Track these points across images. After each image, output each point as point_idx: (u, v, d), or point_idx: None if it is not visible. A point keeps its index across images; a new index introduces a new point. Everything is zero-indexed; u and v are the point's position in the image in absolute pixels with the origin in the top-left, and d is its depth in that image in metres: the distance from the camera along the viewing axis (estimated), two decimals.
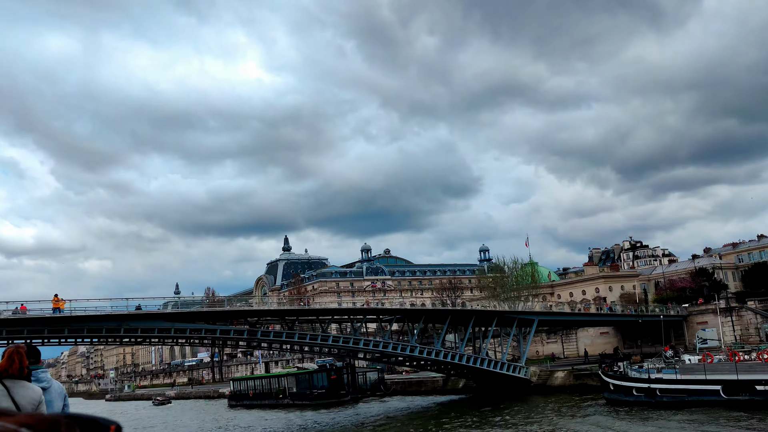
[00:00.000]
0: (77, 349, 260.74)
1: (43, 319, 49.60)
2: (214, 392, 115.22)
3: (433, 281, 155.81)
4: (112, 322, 52.17)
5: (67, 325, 50.84)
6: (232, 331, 56.09)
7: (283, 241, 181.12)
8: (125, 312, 52.65)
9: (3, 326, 48.56)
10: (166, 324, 54.03)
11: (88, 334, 52.83)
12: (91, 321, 51.46)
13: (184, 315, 55.64)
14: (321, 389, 78.18)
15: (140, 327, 53.22)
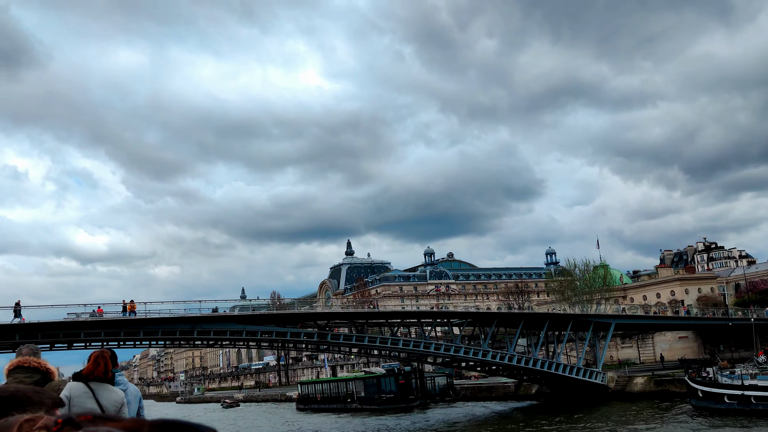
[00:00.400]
0: (148, 352, 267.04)
1: (120, 321, 50.02)
2: (282, 395, 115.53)
3: (499, 285, 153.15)
4: (186, 325, 52.23)
5: (142, 328, 51.14)
6: (302, 333, 55.52)
7: (346, 245, 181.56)
8: (198, 314, 52.69)
9: (81, 328, 49.15)
10: (237, 326, 53.84)
11: (163, 336, 53.09)
12: (166, 323, 51.63)
13: (256, 317, 55.33)
14: (389, 394, 76.97)
15: (213, 329, 53.14)
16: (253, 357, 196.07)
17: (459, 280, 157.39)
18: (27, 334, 47.74)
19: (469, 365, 70.35)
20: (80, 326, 49.06)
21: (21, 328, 47.31)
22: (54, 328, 48.74)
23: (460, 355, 60.22)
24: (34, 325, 47.96)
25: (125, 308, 51.55)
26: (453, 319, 64.66)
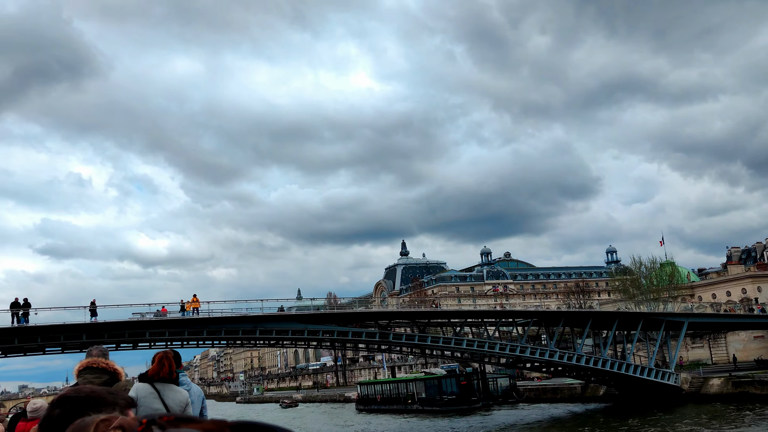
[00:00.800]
0: (208, 352, 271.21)
1: (184, 320, 49.88)
2: (340, 396, 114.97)
3: (558, 285, 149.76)
4: (248, 324, 51.78)
5: (205, 327, 50.90)
6: (364, 333, 54.49)
7: (401, 246, 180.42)
8: (260, 314, 52.21)
9: (146, 328, 49.19)
10: (299, 326, 53.14)
11: (225, 336, 52.75)
12: (228, 323, 51.29)
13: (317, 317, 54.54)
14: (451, 395, 75.31)
15: (275, 329, 52.59)
16: (310, 357, 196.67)
17: (517, 280, 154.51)
18: (93, 333, 48.01)
19: (534, 366, 68.20)
20: (145, 326, 49.12)
21: (88, 327, 47.58)
22: (120, 327, 48.92)
23: (525, 356, 58.26)
24: (100, 325, 48.20)
25: (183, 308, 51.45)
26: (518, 319, 62.64)
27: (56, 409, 2.06)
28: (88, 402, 1.96)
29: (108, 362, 4.77)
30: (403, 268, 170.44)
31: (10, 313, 45.79)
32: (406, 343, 57.82)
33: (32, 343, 47.06)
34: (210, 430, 1.30)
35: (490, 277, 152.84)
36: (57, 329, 46.57)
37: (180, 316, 50.43)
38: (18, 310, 45.68)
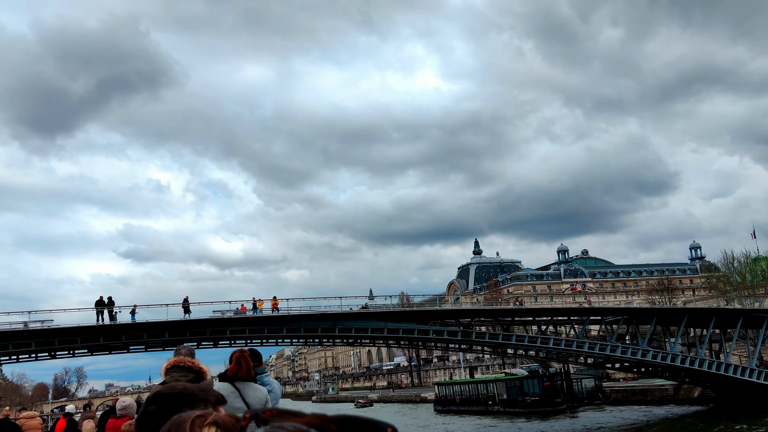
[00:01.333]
0: (284, 352, 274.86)
1: (264, 318, 49.15)
2: (416, 396, 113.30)
3: (639, 282, 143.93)
4: (327, 322, 50.62)
5: (285, 325, 50.04)
6: (445, 332, 52.51)
7: (474, 245, 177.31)
8: (340, 311, 51.03)
9: (227, 326, 48.66)
10: (378, 324, 51.64)
11: (305, 334, 51.74)
12: (308, 320, 50.29)
13: (397, 314, 52.93)
14: (534, 396, 72.40)
15: (354, 327, 51.27)
16: (384, 357, 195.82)
17: (596, 278, 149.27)
18: (175, 331, 47.83)
19: (623, 366, 64.62)
20: (226, 323, 48.59)
21: (170, 325, 47.41)
22: (201, 325, 48.59)
23: (616, 355, 55.02)
24: (182, 323, 47.98)
25: (255, 306, 50.70)
26: (607, 317, 59.35)
27: (152, 405, 2.10)
28: (181, 398, 2.03)
29: (194, 361, 4.83)
30: (477, 267, 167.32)
31: (95, 312, 46.01)
32: (488, 342, 55.54)
33: (116, 341, 47.18)
34: (313, 423, 1.33)
35: (568, 276, 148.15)
36: (140, 327, 46.52)
37: (260, 314, 49.72)
38: (102, 308, 45.84)
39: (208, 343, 54.19)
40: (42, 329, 44.53)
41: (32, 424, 16.17)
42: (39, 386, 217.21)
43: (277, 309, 49.97)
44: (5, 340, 44.42)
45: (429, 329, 51.94)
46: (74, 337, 45.66)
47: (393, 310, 53.38)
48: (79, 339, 45.82)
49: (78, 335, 45.58)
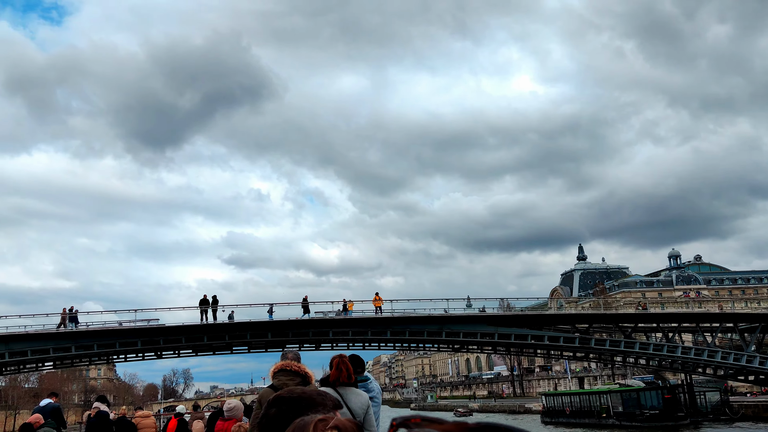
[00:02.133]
0: (380, 358, 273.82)
1: (368, 320, 46.91)
2: (520, 407, 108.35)
3: (759, 290, 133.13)
4: (434, 325, 47.82)
5: (389, 327, 47.60)
6: (562, 338, 48.55)
7: (578, 250, 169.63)
8: (447, 314, 48.09)
9: (330, 327, 46.80)
10: (488, 328, 48.35)
11: (410, 337, 49.08)
12: (414, 323, 47.64)
13: (508, 319, 49.43)
14: (653, 410, 66.54)
15: (462, 331, 48.18)
16: (483, 366, 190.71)
17: (711, 285, 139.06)
18: (278, 332, 46.45)
19: (758, 379, 58.28)
20: (329, 324, 46.71)
21: (272, 326, 46.01)
22: (304, 326, 46.91)
23: (753, 366, 49.28)
24: (284, 323, 46.52)
25: (345, 307, 48.40)
26: (741, 324, 53.53)
27: (272, 408, 2.16)
28: (301, 402, 2.06)
29: (300, 365, 4.93)
30: (581, 273, 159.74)
31: (199, 311, 45.13)
32: (608, 350, 51.10)
33: (220, 341, 46.16)
34: (452, 431, 1.33)
35: (680, 282, 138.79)
36: (243, 327, 45.29)
37: (363, 315, 47.49)
38: (206, 307, 44.90)
39: (310, 346, 52.59)
40: (147, 327, 44.05)
41: (147, 423, 16.95)
42: (149, 387, 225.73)
43: (380, 309, 47.51)
44: (112, 338, 44.24)
45: (543, 335, 48.18)
46: (178, 336, 44.95)
47: (505, 314, 49.86)
48: (184, 338, 45.09)
49: (182, 334, 44.83)
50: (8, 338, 42.88)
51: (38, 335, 43.40)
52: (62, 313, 44.65)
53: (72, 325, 44.47)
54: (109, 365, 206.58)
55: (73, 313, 45.00)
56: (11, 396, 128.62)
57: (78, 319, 45.15)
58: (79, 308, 46.19)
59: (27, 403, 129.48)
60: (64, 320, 44.32)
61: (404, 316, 47.44)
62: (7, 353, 42.79)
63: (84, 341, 44.16)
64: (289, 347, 55.35)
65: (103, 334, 44.33)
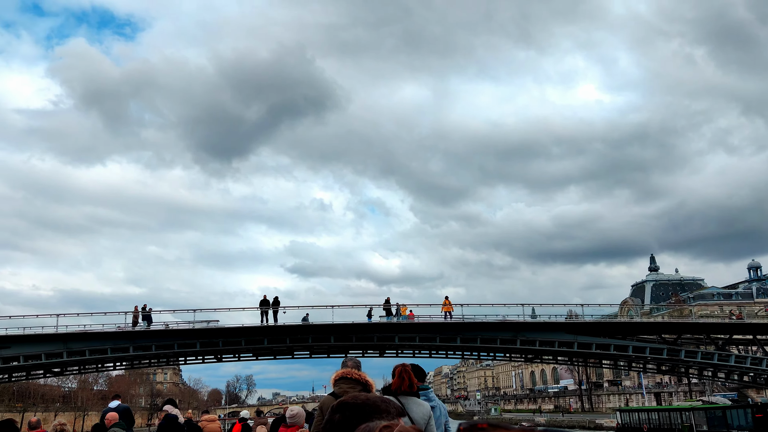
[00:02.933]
0: (441, 369, 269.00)
1: (436, 325, 43.59)
2: (590, 422, 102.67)
3: None
4: (507, 332, 44.11)
5: (459, 334, 44.13)
6: (648, 348, 44.09)
7: (649, 260, 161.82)
8: (520, 320, 44.34)
9: (396, 331, 43.80)
10: (567, 337, 44.33)
11: (482, 345, 45.41)
12: (485, 330, 44.06)
13: (591, 326, 45.25)
14: (741, 429, 60.92)
15: (538, 339, 44.29)
16: (548, 379, 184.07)
17: None
18: (341, 336, 43.79)
19: None
20: (395, 329, 43.69)
21: (336, 329, 43.26)
22: (368, 330, 44.05)
23: None
24: (348, 327, 43.64)
25: (398, 311, 44.94)
26: None
27: (337, 414, 2.14)
28: (365, 409, 2.05)
29: (360, 374, 4.88)
30: (654, 284, 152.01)
31: (260, 313, 42.75)
32: (701, 362, 46.23)
33: (281, 344, 43.64)
34: None
35: (761, 295, 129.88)
36: (305, 329, 42.63)
37: (431, 320, 44.20)
38: (267, 308, 42.47)
39: (374, 353, 49.65)
40: (206, 329, 41.93)
41: (212, 427, 17.08)
42: (213, 392, 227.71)
43: (450, 315, 44.09)
44: (170, 339, 42.29)
45: (627, 345, 43.82)
46: (238, 338, 42.63)
47: (587, 321, 45.73)
48: (243, 341, 42.74)
49: (241, 336, 42.51)
50: (66, 337, 41.43)
51: (96, 334, 41.80)
52: (134, 312, 42.95)
53: (144, 323, 42.68)
54: (175, 369, 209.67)
55: (147, 311, 43.21)
56: (80, 398, 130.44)
57: (152, 318, 43.35)
58: None
59: (95, 405, 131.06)
60: (136, 318, 42.58)
61: (476, 321, 43.95)
62: (65, 352, 41.31)
63: (142, 342, 42.31)
64: (352, 353, 52.62)
65: (161, 335, 42.42)
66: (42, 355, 41.08)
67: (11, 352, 40.94)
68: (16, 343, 40.98)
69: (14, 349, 40.96)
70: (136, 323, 42.51)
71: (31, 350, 41.06)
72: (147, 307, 43.27)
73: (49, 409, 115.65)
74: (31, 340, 41.07)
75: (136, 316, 42.59)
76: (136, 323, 42.48)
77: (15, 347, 41.00)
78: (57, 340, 41.28)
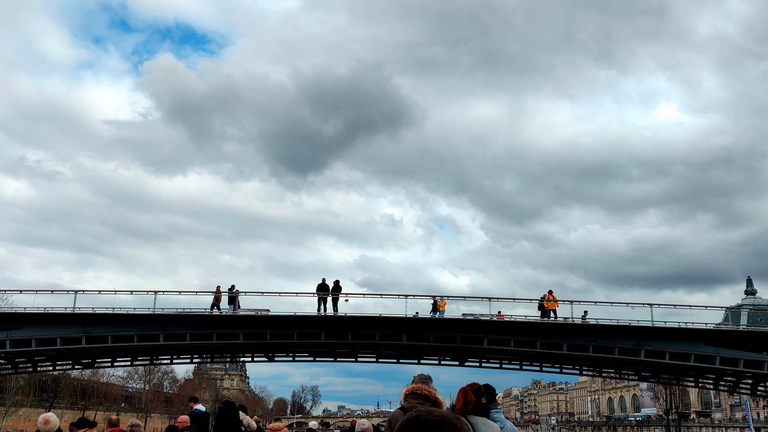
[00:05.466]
0: (511, 391, 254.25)
1: (537, 325, 33.41)
2: None
3: None
4: (629, 340, 33.50)
5: (565, 339, 33.72)
6: None
7: (746, 283, 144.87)
8: (645, 325, 33.67)
9: (485, 332, 33.73)
10: (706, 349, 33.35)
11: (595, 354, 34.75)
12: (598, 335, 33.59)
13: (740, 336, 34.09)
14: None
15: (669, 350, 33.43)
16: (627, 406, 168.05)
17: None
18: (415, 334, 33.94)
19: None
20: (484, 328, 33.65)
21: (410, 323, 33.63)
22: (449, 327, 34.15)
23: None
24: (423, 322, 33.96)
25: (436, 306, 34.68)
26: None
27: (411, 429, 2.11)
28: (440, 426, 2.03)
29: (430, 389, 4.79)
30: (750, 310, 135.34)
31: (316, 299, 33.64)
32: None
33: (341, 340, 34.32)
34: None
35: None
36: (371, 322, 33.22)
37: (529, 319, 34.05)
38: (326, 294, 33.31)
39: (452, 361, 39.84)
40: (250, 316, 33.06)
41: None
42: (279, 401, 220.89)
43: (555, 314, 33.83)
44: (209, 327, 33.64)
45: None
46: (289, 331, 33.58)
47: (740, 329, 34.65)
48: (296, 334, 33.63)
49: (293, 327, 33.46)
50: (86, 319, 33.44)
51: (122, 317, 33.59)
52: (216, 292, 34.60)
53: (230, 307, 34.16)
54: (242, 376, 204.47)
55: (233, 292, 34.80)
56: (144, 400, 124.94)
57: (239, 303, 34.88)
58: None
59: (158, 407, 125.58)
60: (218, 301, 34.10)
61: (588, 324, 33.60)
62: (84, 338, 33.29)
63: (174, 329, 33.78)
64: (426, 362, 43.06)
65: (198, 321, 33.77)
66: (57, 340, 33.23)
67: (23, 334, 33.27)
68: (27, 323, 33.31)
69: (26, 331, 33.29)
70: (218, 306, 33.92)
71: (45, 333, 33.26)
72: (234, 288, 34.76)
73: (111, 409, 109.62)
74: (45, 321, 33.27)
75: (218, 298, 34.00)
76: (216, 307, 33.88)
77: (27, 329, 33.32)
78: (75, 322, 33.36)
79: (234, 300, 34.40)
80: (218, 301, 34.08)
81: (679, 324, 34.88)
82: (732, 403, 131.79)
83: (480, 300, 34.94)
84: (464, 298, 36.52)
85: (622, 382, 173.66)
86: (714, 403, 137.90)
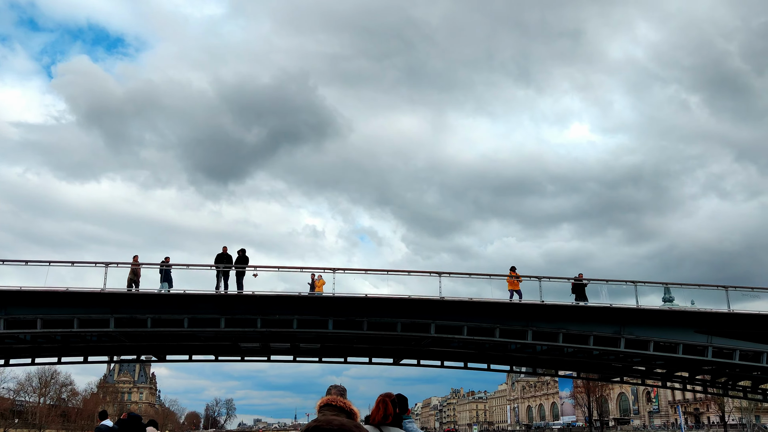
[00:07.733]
0: (430, 401, 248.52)
1: (493, 306, 25.81)
2: None
3: None
4: (607, 327, 26.39)
5: (530, 326, 26.21)
6: None
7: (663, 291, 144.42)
8: (632, 305, 26.63)
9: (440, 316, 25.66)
10: (698, 338, 26.72)
11: (564, 344, 27.39)
12: (570, 319, 26.34)
13: (735, 319, 27.63)
14: None
15: (653, 340, 26.52)
16: (546, 414, 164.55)
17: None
18: (411, 323, 25.55)
19: None
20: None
21: (403, 306, 25.22)
22: (458, 311, 26.12)
23: None
24: (421, 303, 25.77)
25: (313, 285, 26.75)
26: None
27: None
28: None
29: (345, 401, 4.25)
30: None
31: (215, 273, 24.72)
32: None
33: (248, 327, 25.51)
34: None
35: None
36: (287, 303, 24.63)
37: (484, 299, 26.44)
38: (227, 267, 24.49)
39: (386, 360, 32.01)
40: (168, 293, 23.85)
41: None
42: (191, 414, 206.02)
43: (518, 294, 26.37)
44: None
45: None
46: (178, 317, 24.50)
47: (737, 312, 28.21)
48: (186, 320, 24.53)
49: (182, 310, 24.42)
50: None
51: None
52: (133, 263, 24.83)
53: (164, 285, 24.86)
54: (152, 389, 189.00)
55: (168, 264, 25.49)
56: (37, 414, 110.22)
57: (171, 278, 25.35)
58: None
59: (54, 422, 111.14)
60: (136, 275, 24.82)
61: (558, 304, 26.36)
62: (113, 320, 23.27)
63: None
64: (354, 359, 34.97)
65: None
66: (74, 321, 23.30)
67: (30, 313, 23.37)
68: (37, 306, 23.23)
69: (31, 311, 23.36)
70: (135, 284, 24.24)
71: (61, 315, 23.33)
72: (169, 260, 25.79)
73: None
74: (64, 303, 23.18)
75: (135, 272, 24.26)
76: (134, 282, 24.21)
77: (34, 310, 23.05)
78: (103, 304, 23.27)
79: (167, 275, 24.93)
80: (136, 275, 24.50)
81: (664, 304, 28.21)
82: (651, 410, 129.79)
83: (429, 275, 26.85)
84: (408, 272, 28.44)
85: (542, 389, 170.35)
86: (633, 410, 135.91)
